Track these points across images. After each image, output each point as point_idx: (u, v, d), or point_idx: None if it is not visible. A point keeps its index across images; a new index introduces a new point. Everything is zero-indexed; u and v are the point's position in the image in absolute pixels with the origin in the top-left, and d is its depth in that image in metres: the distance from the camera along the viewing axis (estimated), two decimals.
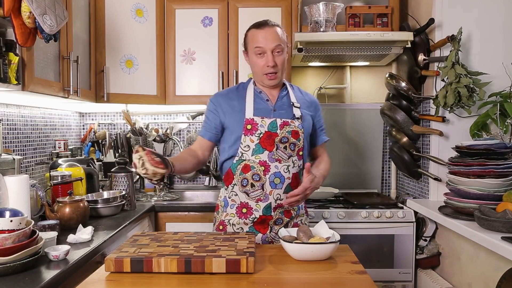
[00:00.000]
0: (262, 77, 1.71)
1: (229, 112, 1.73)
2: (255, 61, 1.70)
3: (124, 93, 2.58)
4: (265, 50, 1.66)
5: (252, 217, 1.69)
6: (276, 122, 1.68)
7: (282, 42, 1.68)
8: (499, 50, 2.21)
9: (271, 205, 1.68)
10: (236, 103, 1.74)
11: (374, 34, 2.37)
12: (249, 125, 1.67)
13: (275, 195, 1.68)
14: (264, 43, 1.66)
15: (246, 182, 1.68)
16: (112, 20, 2.52)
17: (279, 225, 1.71)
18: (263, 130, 1.67)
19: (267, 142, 1.66)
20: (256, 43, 1.67)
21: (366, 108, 2.94)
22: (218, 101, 1.77)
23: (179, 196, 2.75)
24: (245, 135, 1.67)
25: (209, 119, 1.76)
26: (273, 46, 1.65)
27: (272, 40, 1.65)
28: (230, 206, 1.73)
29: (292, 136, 1.69)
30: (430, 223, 2.32)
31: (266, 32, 1.66)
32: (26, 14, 1.54)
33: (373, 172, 2.94)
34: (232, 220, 1.71)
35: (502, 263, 1.66)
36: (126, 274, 1.22)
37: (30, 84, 1.71)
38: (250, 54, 1.72)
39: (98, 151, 2.97)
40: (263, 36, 1.66)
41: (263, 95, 1.75)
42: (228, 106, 1.74)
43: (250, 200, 1.69)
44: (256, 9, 2.68)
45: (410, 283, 2.38)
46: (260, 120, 1.67)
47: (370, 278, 1.20)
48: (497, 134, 2.04)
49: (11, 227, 1.30)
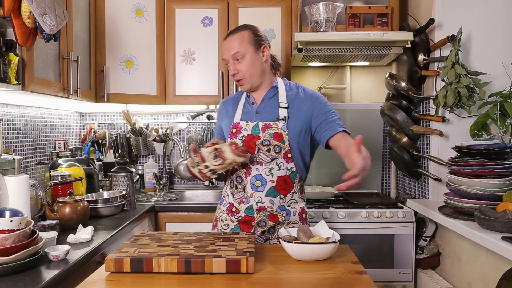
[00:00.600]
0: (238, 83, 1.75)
1: (224, 117, 1.82)
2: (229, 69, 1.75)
3: (124, 93, 2.59)
4: (227, 60, 1.71)
5: (237, 215, 1.72)
6: (258, 125, 1.69)
7: (240, 49, 1.66)
8: (499, 50, 2.21)
9: (252, 207, 1.68)
10: (231, 108, 1.80)
11: (374, 34, 2.37)
12: (234, 128, 1.72)
13: (256, 197, 1.66)
14: (226, 54, 1.71)
15: (232, 184, 1.74)
16: (112, 20, 2.52)
17: (262, 227, 1.68)
18: (245, 134, 1.69)
19: (248, 145, 1.67)
20: (223, 54, 1.75)
21: (366, 108, 2.94)
22: (220, 107, 1.87)
23: (179, 196, 2.75)
24: (230, 138, 1.73)
25: (217, 125, 1.89)
26: (230, 56, 1.68)
27: (230, 49, 1.68)
28: (223, 204, 1.80)
29: (274, 139, 1.64)
30: (430, 223, 2.32)
31: (226, 42, 1.71)
32: (26, 14, 1.54)
33: (373, 172, 2.93)
34: (222, 216, 1.77)
35: (502, 263, 1.66)
36: (126, 274, 1.22)
37: (30, 84, 1.71)
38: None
39: (98, 151, 2.97)
40: (224, 47, 1.72)
41: (251, 99, 1.77)
42: (225, 112, 1.82)
43: (235, 201, 1.73)
44: (256, 9, 2.68)
45: (410, 283, 2.38)
46: (245, 124, 1.71)
47: (370, 278, 1.20)
48: (497, 134, 2.04)
49: (11, 227, 1.30)
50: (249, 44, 1.67)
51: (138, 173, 2.98)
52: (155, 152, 3.07)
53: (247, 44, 1.67)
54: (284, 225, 1.69)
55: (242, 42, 1.67)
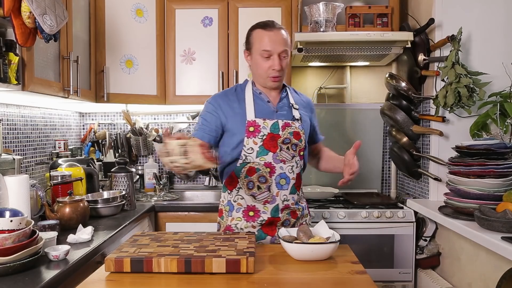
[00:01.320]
0: (265, 79, 1.68)
1: (230, 115, 1.68)
2: (260, 63, 1.66)
3: (124, 93, 2.58)
4: (273, 53, 1.63)
5: (260, 220, 1.66)
6: (278, 123, 1.66)
7: (288, 47, 1.66)
8: (499, 50, 2.21)
9: (278, 207, 1.67)
10: (237, 105, 1.69)
11: (374, 34, 2.37)
12: (251, 127, 1.65)
13: (282, 196, 1.67)
14: (272, 47, 1.62)
15: (252, 185, 1.66)
16: (112, 20, 2.52)
17: (287, 226, 1.70)
18: (265, 132, 1.65)
19: (270, 144, 1.64)
20: (264, 45, 1.63)
21: (366, 108, 2.94)
22: (217, 102, 1.70)
23: (179, 196, 2.75)
24: (248, 138, 1.64)
25: (208, 121, 1.68)
26: (280, 50, 1.63)
27: (280, 44, 1.63)
28: (236, 210, 1.70)
29: (294, 137, 1.68)
30: (430, 223, 2.32)
31: (275, 35, 1.63)
32: (26, 14, 1.54)
33: (373, 172, 2.94)
34: (240, 224, 1.68)
35: (502, 263, 1.66)
36: (126, 274, 1.22)
37: (30, 84, 1.71)
38: (254, 55, 1.68)
39: (98, 151, 2.97)
40: (271, 39, 1.62)
41: (263, 96, 1.72)
42: (229, 108, 1.69)
43: (257, 203, 1.67)
44: (256, 9, 2.68)
45: (410, 283, 2.38)
46: (262, 122, 1.65)
47: (370, 278, 1.20)
48: (497, 134, 2.04)
49: (11, 227, 1.30)
50: (290, 44, 1.70)
51: (138, 173, 2.98)
52: (155, 152, 3.07)
53: (289, 44, 1.69)
54: (301, 219, 1.76)
55: (288, 41, 1.67)
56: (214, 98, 1.74)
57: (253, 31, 1.69)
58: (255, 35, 1.67)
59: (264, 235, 1.68)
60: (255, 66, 1.70)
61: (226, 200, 1.74)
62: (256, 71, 1.71)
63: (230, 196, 1.72)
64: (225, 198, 1.76)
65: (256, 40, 1.66)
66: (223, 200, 1.77)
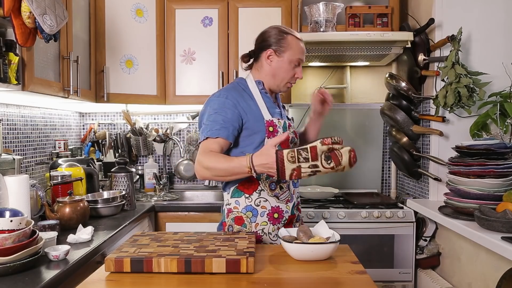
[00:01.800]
0: (284, 84, 1.68)
1: (249, 111, 1.58)
2: (288, 69, 1.65)
3: (124, 93, 2.59)
4: (302, 63, 1.68)
5: (283, 220, 1.65)
6: (286, 123, 1.68)
7: None
8: (499, 50, 2.21)
9: (295, 204, 1.70)
10: (252, 102, 1.62)
11: (374, 34, 2.37)
12: (270, 127, 1.60)
13: (296, 193, 1.73)
14: (304, 57, 1.67)
15: (274, 186, 1.62)
16: (112, 20, 2.52)
17: (298, 222, 1.75)
18: (281, 132, 1.64)
19: (285, 144, 1.58)
20: (299, 54, 1.65)
21: (366, 108, 2.94)
22: (234, 97, 1.58)
23: (179, 196, 2.75)
24: (268, 137, 1.59)
25: (229, 118, 1.53)
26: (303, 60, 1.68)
27: (304, 54, 1.68)
28: (260, 214, 1.61)
29: (295, 136, 1.74)
30: (430, 223, 2.32)
31: (303, 46, 1.68)
32: (26, 14, 1.54)
33: (373, 172, 2.94)
34: (266, 228, 1.61)
35: (502, 263, 1.66)
36: (126, 274, 1.22)
37: (30, 84, 1.71)
38: (285, 59, 1.63)
39: (98, 151, 2.97)
40: (303, 50, 1.67)
41: (270, 97, 1.70)
42: (246, 105, 1.59)
43: (281, 203, 1.64)
44: (256, 9, 2.68)
45: (410, 283, 2.38)
46: (277, 121, 1.63)
47: (370, 278, 1.20)
48: (497, 134, 2.04)
49: (11, 227, 1.30)
50: None
51: (138, 173, 2.98)
52: (155, 152, 3.07)
53: None
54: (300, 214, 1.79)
55: None
56: (229, 92, 1.60)
57: (289, 36, 1.64)
58: (291, 41, 1.64)
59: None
60: (281, 69, 1.65)
61: (242, 205, 1.61)
62: (279, 74, 1.65)
63: (249, 200, 1.61)
64: (240, 204, 1.62)
65: (292, 46, 1.64)
66: (236, 207, 1.62)
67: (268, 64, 1.65)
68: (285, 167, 1.30)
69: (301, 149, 1.29)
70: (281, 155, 1.30)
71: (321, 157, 1.28)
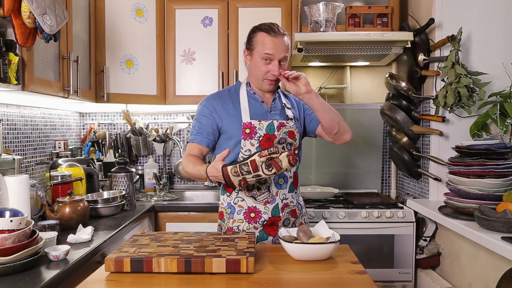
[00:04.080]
0: (262, 81, 1.70)
1: (225, 116, 1.70)
2: (260, 65, 1.67)
3: (124, 93, 2.58)
4: (274, 58, 1.64)
5: (261, 221, 1.67)
6: (273, 124, 1.69)
7: (288, 52, 1.68)
8: (499, 50, 2.21)
9: (278, 206, 1.68)
10: (231, 106, 1.71)
11: (374, 34, 2.37)
12: (247, 129, 1.66)
13: (281, 195, 1.70)
14: (274, 52, 1.63)
15: (251, 187, 1.67)
16: (112, 20, 2.52)
17: (287, 225, 1.71)
18: (261, 133, 1.67)
19: (266, 145, 1.66)
20: (267, 49, 1.63)
21: (366, 108, 2.93)
22: (212, 105, 1.72)
23: (179, 196, 2.75)
24: (245, 139, 1.66)
25: (204, 125, 1.70)
26: (281, 57, 1.64)
27: (282, 50, 1.64)
28: (237, 212, 1.69)
29: (289, 137, 1.71)
30: (430, 223, 2.32)
31: (278, 41, 1.63)
32: (26, 14, 1.54)
33: (373, 172, 2.94)
34: (241, 226, 1.68)
35: (502, 263, 1.66)
36: (126, 274, 1.22)
37: (30, 84, 1.71)
38: (255, 56, 1.68)
39: (98, 151, 2.97)
40: (274, 45, 1.63)
41: (257, 97, 1.74)
42: (224, 110, 1.70)
43: (258, 204, 1.67)
44: (256, 9, 2.68)
45: (410, 283, 2.38)
46: (257, 123, 1.67)
47: (370, 278, 1.20)
48: (497, 134, 2.04)
49: (11, 227, 1.30)
50: (290, 49, 1.72)
51: (138, 173, 2.98)
52: (155, 152, 3.07)
53: (290, 49, 1.71)
54: (300, 218, 1.77)
55: (289, 47, 1.68)
56: (208, 100, 1.74)
57: (257, 33, 1.68)
58: (258, 38, 1.66)
59: (266, 236, 1.68)
60: (254, 67, 1.70)
61: (225, 202, 1.73)
62: (254, 73, 1.72)
63: (229, 198, 1.72)
64: (224, 200, 1.74)
65: (259, 42, 1.66)
66: (222, 203, 1.75)
67: (247, 63, 1.75)
68: (232, 179, 1.46)
69: (242, 164, 1.44)
70: (226, 171, 1.46)
71: (262, 167, 1.42)
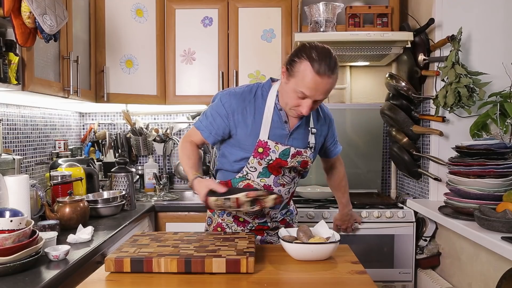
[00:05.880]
0: (288, 110, 1.52)
1: (241, 126, 1.54)
2: (291, 96, 1.45)
3: (124, 93, 2.59)
4: (307, 96, 1.43)
5: (249, 226, 1.67)
6: (289, 150, 1.55)
7: (327, 95, 1.45)
8: (499, 50, 2.21)
9: (267, 221, 1.68)
10: (251, 116, 1.53)
11: (374, 34, 2.37)
12: (260, 148, 1.53)
13: (272, 214, 1.68)
14: (311, 94, 1.41)
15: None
16: (112, 20, 2.52)
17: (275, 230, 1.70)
18: (274, 157, 1.54)
19: (274, 169, 1.58)
20: (304, 88, 1.40)
21: (366, 108, 2.93)
22: (231, 107, 1.54)
23: (179, 196, 2.75)
24: (254, 157, 1.55)
25: (217, 124, 1.56)
26: (319, 98, 1.44)
27: (321, 93, 1.42)
28: (227, 214, 1.68)
29: (301, 166, 1.61)
30: (430, 223, 2.32)
31: (322, 82, 1.39)
32: (26, 14, 1.55)
33: (373, 172, 2.93)
34: (230, 225, 1.69)
35: (502, 263, 1.66)
36: (126, 274, 1.22)
37: (30, 84, 1.71)
38: (291, 83, 1.44)
39: (98, 151, 2.97)
40: (315, 85, 1.39)
41: (282, 114, 1.55)
42: (241, 118, 1.53)
43: (246, 216, 1.66)
44: (256, 9, 2.68)
45: (410, 283, 2.38)
46: (273, 145, 1.53)
47: (370, 278, 1.20)
48: (497, 134, 2.04)
49: (11, 227, 1.30)
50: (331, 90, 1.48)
51: (138, 173, 2.98)
52: (155, 152, 3.07)
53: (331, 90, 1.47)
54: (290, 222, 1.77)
55: (331, 89, 1.45)
56: (228, 99, 1.55)
57: (303, 61, 1.40)
58: (302, 68, 1.40)
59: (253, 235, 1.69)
60: (286, 93, 1.48)
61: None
62: (284, 97, 1.50)
63: None
64: None
65: (300, 73, 1.40)
66: None
67: (282, 79, 1.51)
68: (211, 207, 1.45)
69: (227, 199, 1.40)
70: (207, 200, 1.43)
71: (245, 205, 1.39)
